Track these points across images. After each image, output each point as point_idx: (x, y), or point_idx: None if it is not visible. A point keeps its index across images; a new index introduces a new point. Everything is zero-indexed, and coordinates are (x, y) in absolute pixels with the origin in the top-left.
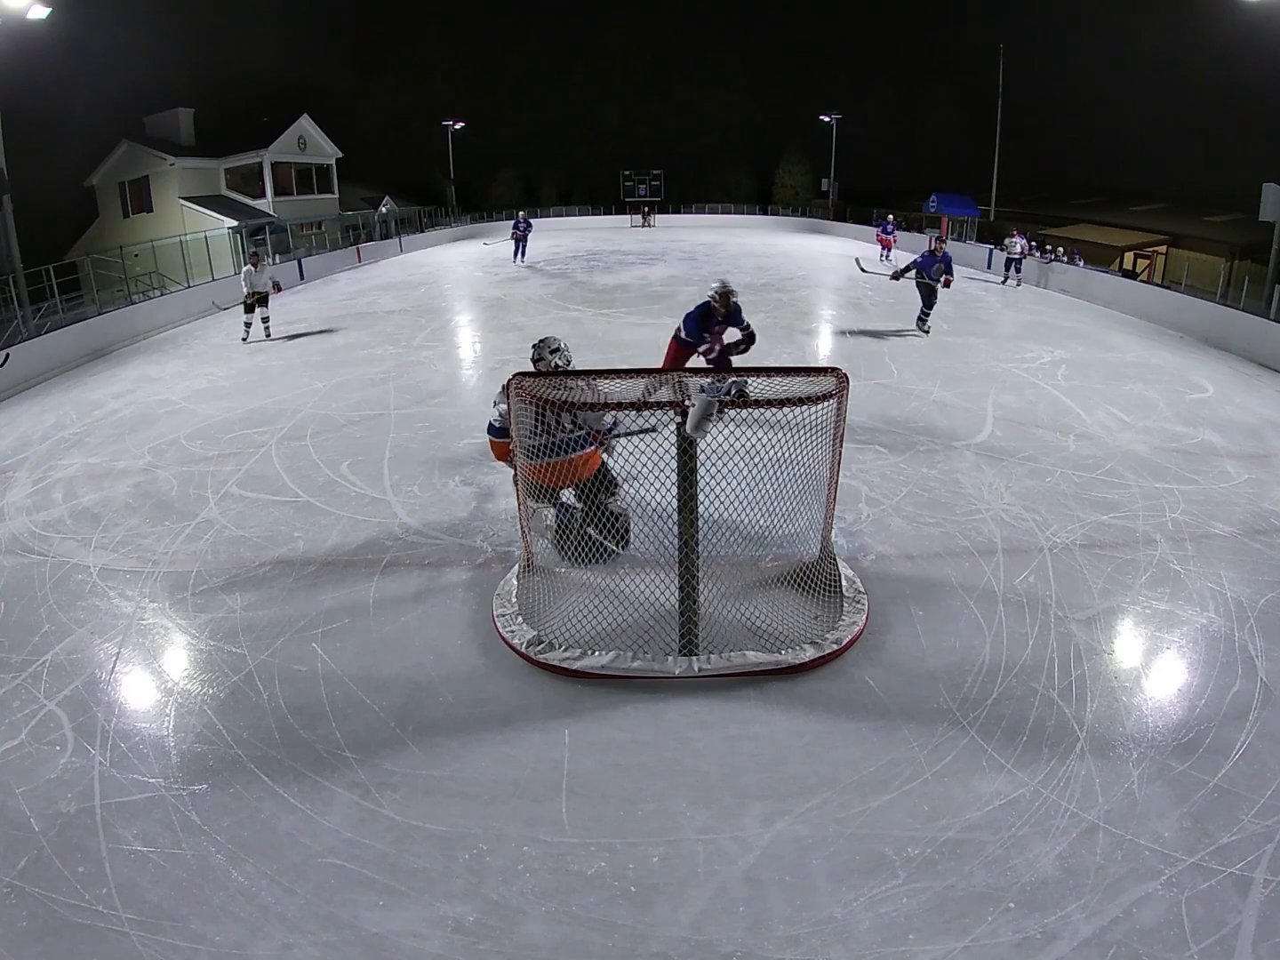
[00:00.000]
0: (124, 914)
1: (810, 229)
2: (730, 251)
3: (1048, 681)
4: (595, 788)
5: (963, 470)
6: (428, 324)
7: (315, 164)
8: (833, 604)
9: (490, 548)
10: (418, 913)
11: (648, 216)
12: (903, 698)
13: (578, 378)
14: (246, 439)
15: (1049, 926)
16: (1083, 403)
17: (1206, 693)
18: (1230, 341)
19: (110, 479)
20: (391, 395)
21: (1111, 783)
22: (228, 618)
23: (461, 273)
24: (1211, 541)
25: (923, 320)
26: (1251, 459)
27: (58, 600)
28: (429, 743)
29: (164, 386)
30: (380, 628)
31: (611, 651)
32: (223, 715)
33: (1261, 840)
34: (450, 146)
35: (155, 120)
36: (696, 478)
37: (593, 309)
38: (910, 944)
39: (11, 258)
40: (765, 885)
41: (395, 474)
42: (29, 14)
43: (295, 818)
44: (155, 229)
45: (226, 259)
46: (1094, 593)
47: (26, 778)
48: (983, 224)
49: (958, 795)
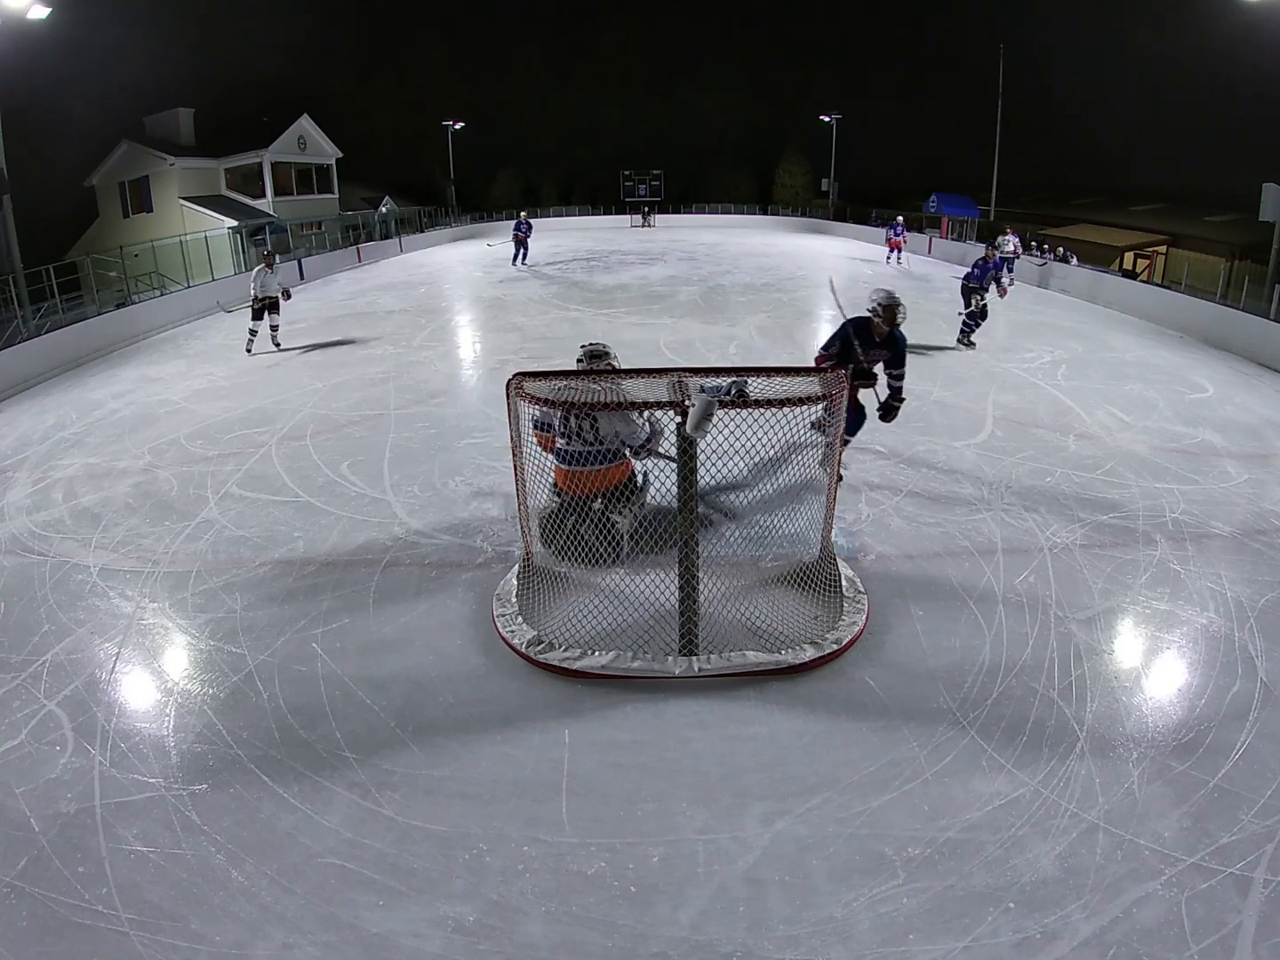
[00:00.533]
0: (124, 914)
1: (810, 229)
2: (730, 251)
3: (1048, 681)
4: (595, 788)
5: (963, 470)
6: (428, 324)
7: (315, 164)
8: (833, 604)
9: (490, 548)
10: (418, 913)
11: (648, 216)
12: (903, 698)
13: (580, 377)
14: (246, 439)
15: (1049, 926)
16: (1083, 403)
17: (1206, 693)
18: (1230, 341)
19: (110, 479)
20: (391, 395)
21: (1111, 783)
22: (228, 618)
23: (461, 273)
24: (1211, 541)
25: (966, 332)
26: (1251, 459)
27: (58, 600)
28: (429, 743)
29: (164, 386)
30: (380, 628)
31: (611, 651)
32: (223, 715)
33: (1261, 840)
34: (450, 146)
35: (155, 120)
36: (696, 478)
37: (593, 309)
38: (910, 944)
39: (11, 258)
40: (765, 885)
41: (395, 474)
42: (29, 14)
43: (295, 818)
44: (155, 229)
45: (226, 259)
46: (1094, 593)
47: (26, 778)
48: (983, 224)
49: (958, 795)
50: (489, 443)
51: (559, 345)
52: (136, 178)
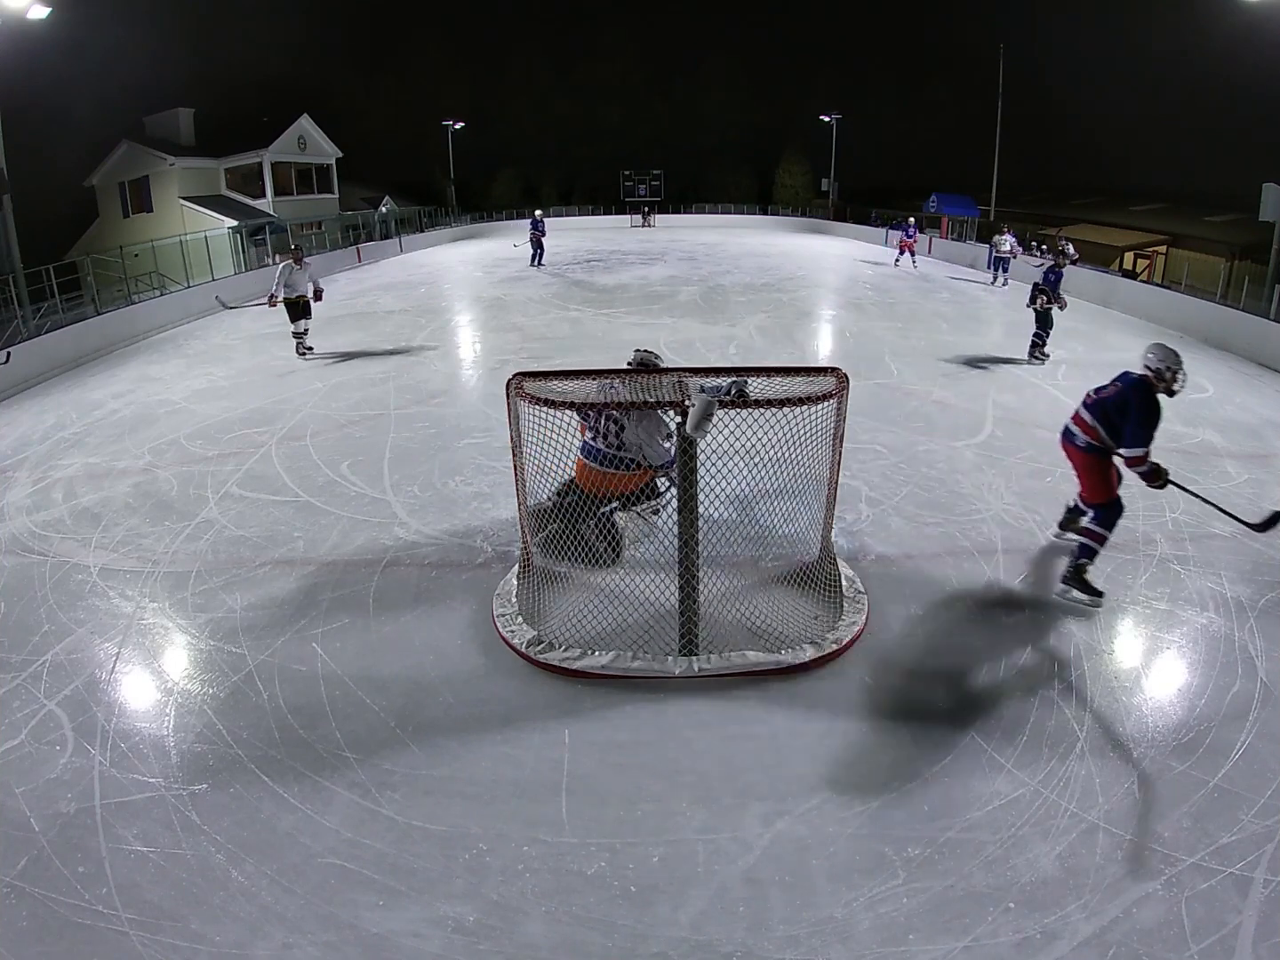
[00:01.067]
0: (124, 914)
1: (810, 229)
2: (730, 251)
3: (1048, 681)
4: (595, 788)
5: (963, 470)
6: (428, 324)
7: (315, 164)
8: (833, 604)
9: (490, 548)
10: (418, 913)
11: (648, 216)
12: (903, 698)
13: (581, 378)
14: (246, 439)
15: (1049, 926)
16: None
17: (1206, 693)
18: (1230, 341)
19: (110, 479)
20: (391, 395)
21: (1111, 783)
22: (228, 618)
23: (461, 273)
24: (1211, 541)
25: (1038, 345)
26: (1251, 459)
27: (58, 600)
28: (429, 743)
29: (164, 386)
30: (380, 628)
31: (611, 651)
32: (223, 715)
33: (1261, 840)
34: (450, 146)
35: (155, 120)
36: (696, 478)
37: (593, 309)
38: (910, 944)
39: (11, 258)
40: (765, 885)
41: (395, 474)
42: (29, 14)
43: (295, 818)
44: (155, 229)
45: (226, 259)
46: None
47: (26, 778)
48: (983, 224)
49: (958, 795)
50: (489, 443)
51: (559, 345)
52: (136, 178)
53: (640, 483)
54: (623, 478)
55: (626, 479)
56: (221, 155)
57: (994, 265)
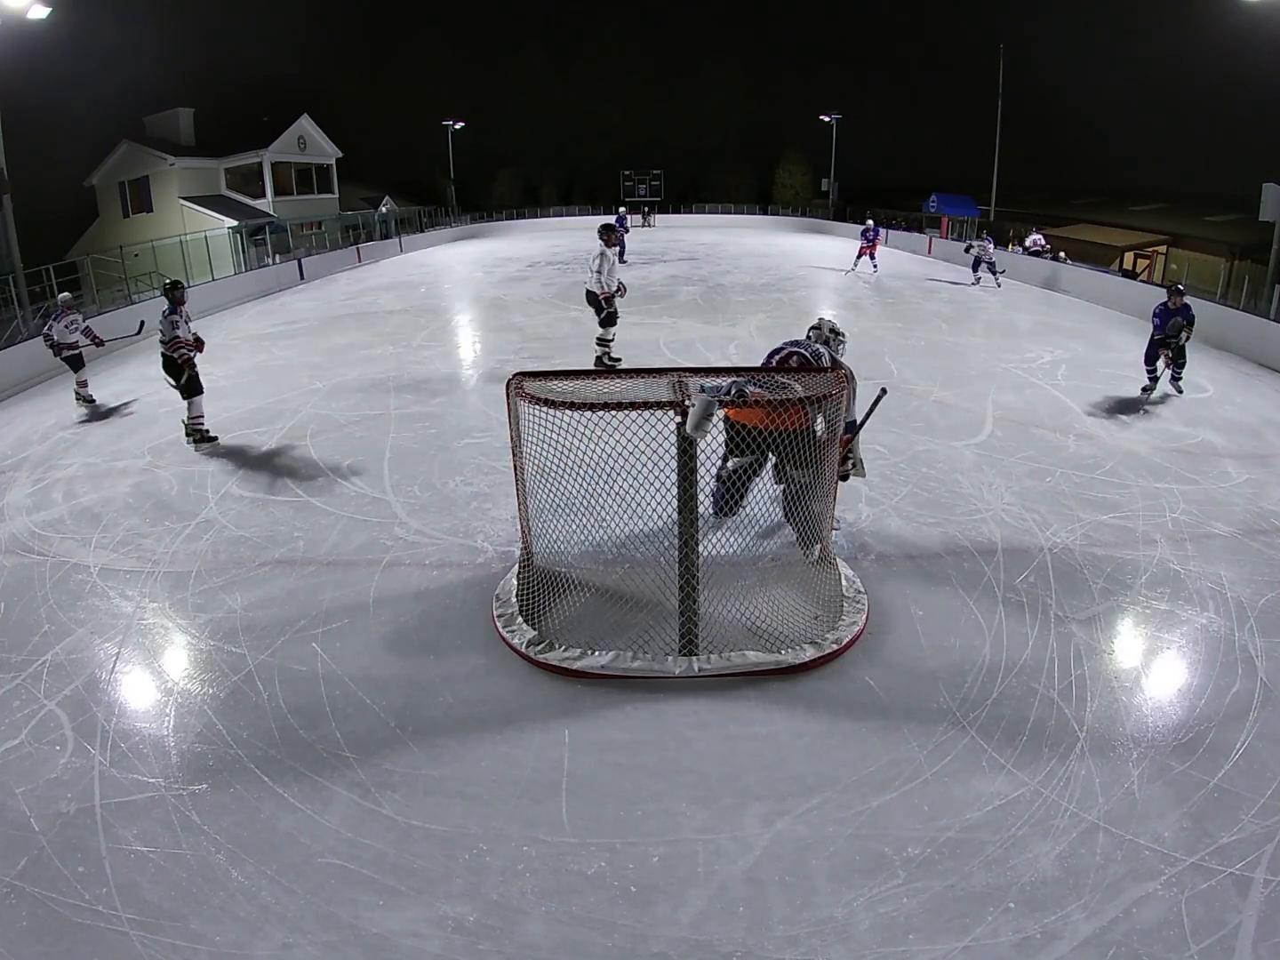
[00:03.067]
0: (124, 914)
1: (810, 229)
2: (730, 251)
3: (1048, 681)
4: (595, 788)
5: (963, 470)
6: (428, 324)
7: (315, 164)
8: (833, 604)
9: (490, 548)
10: (418, 913)
11: (648, 216)
12: (903, 698)
13: (581, 378)
14: (246, 439)
15: (1049, 926)
16: (1083, 403)
17: (1206, 693)
18: (1230, 341)
19: (110, 479)
20: (391, 395)
21: (1111, 783)
22: (228, 618)
23: (461, 273)
24: (1211, 541)
25: (1176, 378)
26: (1251, 459)
27: (58, 600)
28: (429, 743)
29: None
30: (380, 628)
31: (611, 651)
32: (223, 715)
33: (1261, 840)
34: (450, 146)
35: (155, 120)
36: (696, 478)
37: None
38: (910, 944)
39: (11, 258)
40: (765, 885)
41: (395, 474)
42: (29, 14)
43: (295, 818)
44: (155, 229)
45: (226, 259)
46: (1094, 593)
47: (26, 778)
48: (983, 224)
49: (958, 795)
50: (489, 443)
51: (559, 345)
52: (136, 178)
53: (792, 424)
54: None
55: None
56: (221, 155)
57: (974, 267)
